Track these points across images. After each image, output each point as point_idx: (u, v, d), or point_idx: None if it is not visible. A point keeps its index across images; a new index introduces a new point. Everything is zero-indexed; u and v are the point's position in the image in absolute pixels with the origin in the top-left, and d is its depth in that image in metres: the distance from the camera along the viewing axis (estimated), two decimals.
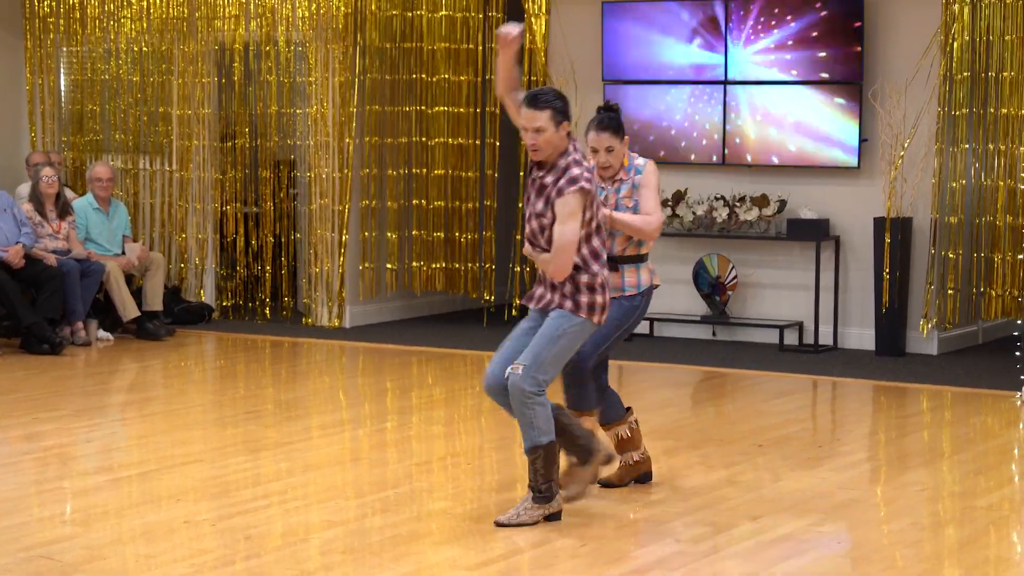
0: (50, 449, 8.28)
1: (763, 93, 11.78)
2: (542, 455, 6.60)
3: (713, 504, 7.06)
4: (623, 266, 7.03)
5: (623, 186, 7.06)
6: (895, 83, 11.29)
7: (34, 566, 6.02)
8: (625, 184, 7.07)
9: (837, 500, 7.18)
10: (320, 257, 12.78)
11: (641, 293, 7.07)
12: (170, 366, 11.23)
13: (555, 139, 6.52)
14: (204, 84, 13.16)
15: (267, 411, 9.42)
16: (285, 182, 13.35)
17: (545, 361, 6.52)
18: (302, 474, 7.71)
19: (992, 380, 10.33)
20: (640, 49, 12.16)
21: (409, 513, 6.87)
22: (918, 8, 11.33)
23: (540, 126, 6.51)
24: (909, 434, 9.00)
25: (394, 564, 6.08)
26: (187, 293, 13.33)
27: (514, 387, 6.49)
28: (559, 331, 6.56)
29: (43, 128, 13.95)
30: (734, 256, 12.00)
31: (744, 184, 11.94)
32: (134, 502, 7.15)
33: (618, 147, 7.04)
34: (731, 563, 6.22)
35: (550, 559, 6.17)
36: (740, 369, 10.85)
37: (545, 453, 6.59)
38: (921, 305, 11.44)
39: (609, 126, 7.03)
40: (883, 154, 11.35)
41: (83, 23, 13.63)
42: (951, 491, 7.51)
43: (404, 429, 8.98)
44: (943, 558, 6.26)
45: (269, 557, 6.18)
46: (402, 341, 12.11)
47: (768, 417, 9.25)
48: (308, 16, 12.69)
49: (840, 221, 11.70)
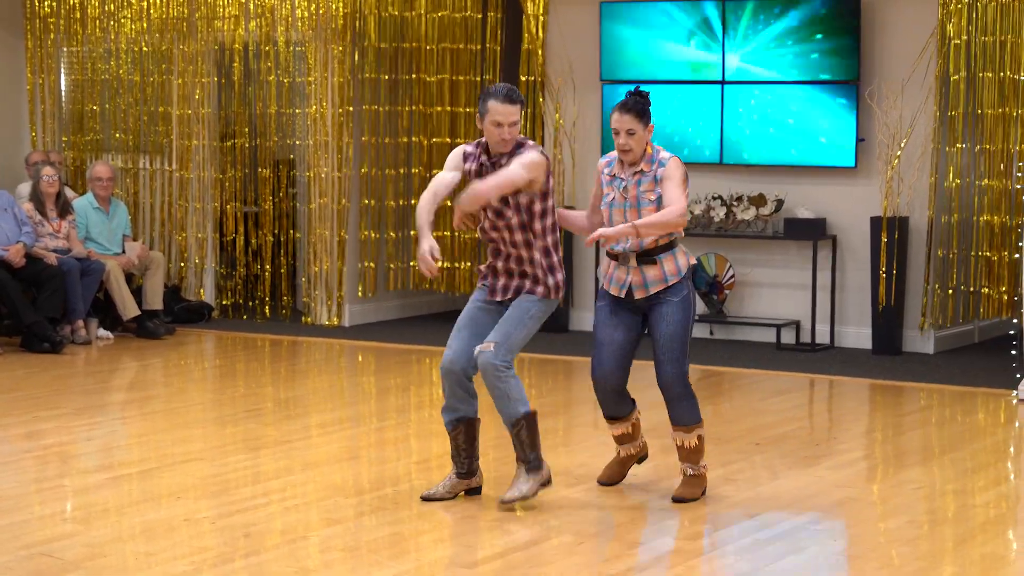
0: (50, 447, 8.31)
1: (760, 93, 11.81)
2: (524, 425, 6.78)
3: (710, 502, 7.09)
4: (659, 256, 6.91)
5: (644, 178, 6.89)
6: (892, 83, 11.32)
7: (35, 564, 6.05)
8: (647, 177, 6.89)
9: (834, 498, 7.21)
10: (319, 256, 12.81)
11: (683, 278, 6.96)
12: (170, 365, 11.25)
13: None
14: (204, 84, 13.19)
15: (267, 409, 9.45)
16: (284, 181, 13.39)
17: (515, 341, 6.76)
18: (301, 472, 7.74)
19: (988, 379, 10.36)
20: (637, 49, 12.19)
21: (408, 511, 6.89)
22: (915, 8, 11.36)
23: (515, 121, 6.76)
24: (906, 432, 9.03)
25: (393, 562, 6.10)
26: (187, 292, 13.36)
27: (487, 364, 6.68)
28: (529, 314, 6.79)
29: (43, 128, 13.98)
30: (731, 255, 12.03)
31: (741, 184, 11.97)
32: (134, 500, 7.18)
33: (640, 132, 6.85)
34: (728, 561, 6.24)
35: (547, 557, 6.19)
36: (737, 368, 10.88)
37: (527, 423, 6.78)
38: (918, 304, 11.48)
39: (633, 108, 6.85)
40: (880, 154, 11.38)
41: (83, 23, 13.66)
42: (947, 489, 7.54)
43: (403, 427, 9.01)
44: (939, 556, 6.29)
45: (268, 555, 6.20)
46: (401, 340, 12.14)
47: (765, 416, 9.28)
48: (307, 16, 12.72)
49: (837, 220, 11.73)
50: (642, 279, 6.92)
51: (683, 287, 6.93)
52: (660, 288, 6.91)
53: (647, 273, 6.91)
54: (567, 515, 6.81)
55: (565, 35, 12.42)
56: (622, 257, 6.94)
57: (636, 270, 6.91)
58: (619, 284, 6.98)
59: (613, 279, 7.01)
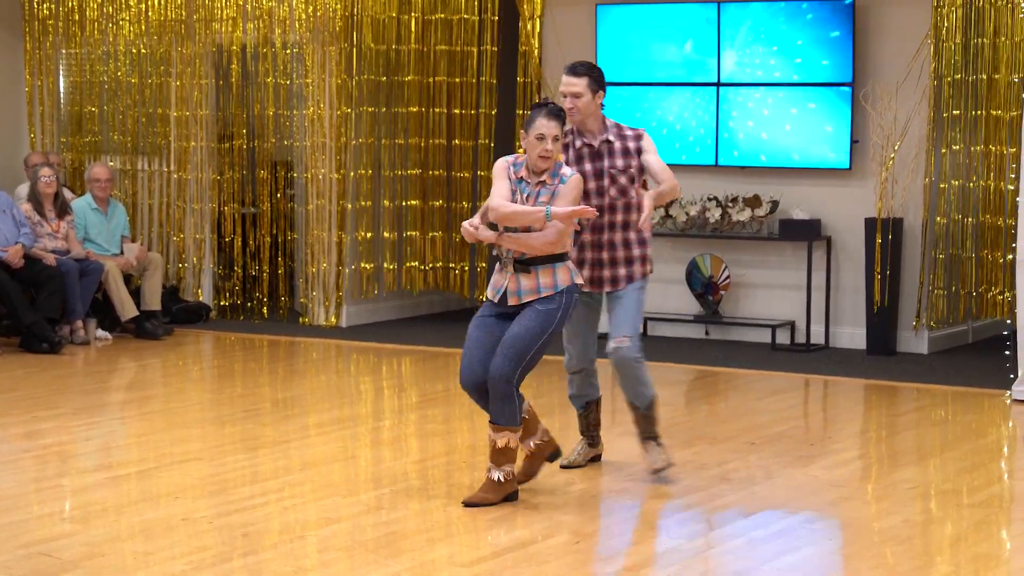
0: (49, 447, 8.33)
1: (755, 95, 11.85)
2: (653, 406, 7.49)
3: (706, 501, 7.12)
4: (537, 268, 6.89)
5: (544, 190, 6.89)
6: (886, 85, 11.35)
7: (33, 563, 6.06)
8: (546, 189, 6.89)
9: (829, 497, 7.24)
10: (317, 257, 12.84)
11: (559, 293, 6.91)
12: (168, 365, 11.28)
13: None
14: (202, 86, 13.22)
15: (264, 409, 9.48)
16: (282, 183, 13.40)
17: (638, 329, 7.38)
18: (299, 472, 7.76)
19: (982, 379, 10.40)
20: (633, 52, 12.22)
21: (405, 510, 6.92)
22: (909, 10, 11.40)
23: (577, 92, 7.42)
24: (900, 432, 9.07)
25: (390, 561, 6.13)
26: (185, 293, 13.38)
27: (626, 357, 7.28)
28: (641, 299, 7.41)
29: (42, 129, 14.00)
30: (727, 256, 12.07)
31: (737, 185, 12.01)
32: (133, 499, 7.19)
33: (560, 139, 6.91)
34: (724, 560, 6.27)
35: (545, 556, 6.21)
36: (733, 368, 10.91)
37: (655, 404, 7.50)
38: (912, 305, 11.52)
39: (560, 115, 6.93)
40: (874, 155, 11.41)
41: (82, 25, 13.68)
42: (941, 488, 7.57)
43: (400, 427, 9.04)
44: (933, 555, 6.32)
45: (266, 554, 6.22)
46: (398, 340, 12.17)
47: (761, 415, 9.31)
48: (305, 18, 12.75)
49: (832, 222, 11.77)
50: (516, 286, 6.91)
51: (553, 301, 6.87)
52: (532, 299, 6.89)
53: (522, 281, 6.89)
54: (564, 514, 6.84)
55: (561, 37, 12.45)
56: (503, 261, 6.95)
57: (512, 277, 6.91)
58: (495, 288, 6.98)
59: (492, 283, 7.02)
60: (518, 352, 6.82)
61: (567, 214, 6.73)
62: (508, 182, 6.94)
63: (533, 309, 6.87)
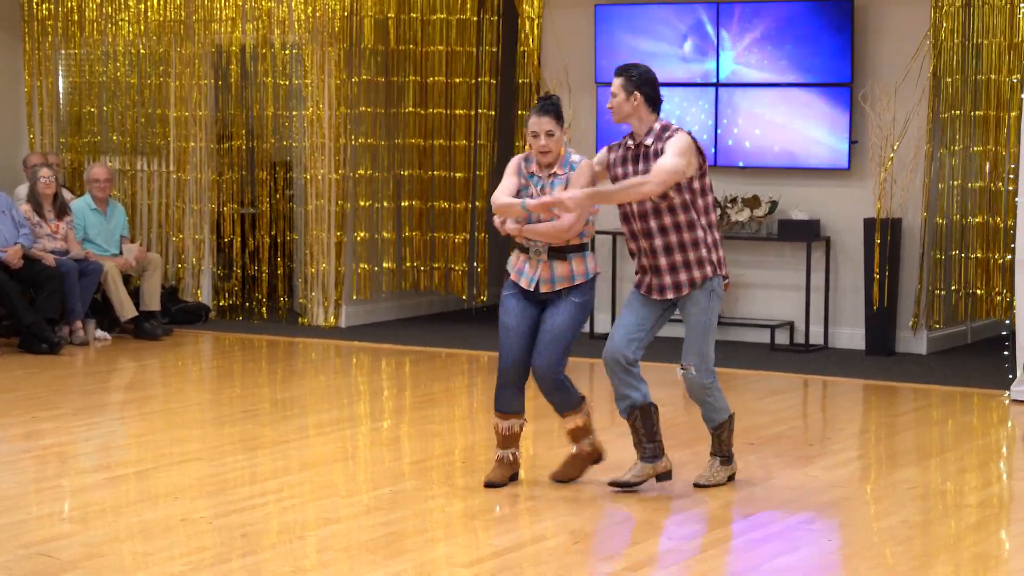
0: (49, 447, 8.33)
1: (754, 95, 11.85)
2: (727, 428, 7.38)
3: (705, 502, 7.13)
4: (570, 255, 7.21)
5: (557, 180, 7.17)
6: (885, 85, 11.36)
7: (32, 563, 6.07)
8: (559, 179, 7.17)
9: (828, 498, 7.25)
10: (316, 257, 12.85)
11: (589, 281, 7.28)
12: (167, 365, 11.28)
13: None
14: (201, 86, 13.23)
15: (264, 410, 9.48)
16: (281, 183, 13.41)
17: (708, 353, 7.34)
18: (298, 472, 7.77)
19: (980, 379, 10.40)
20: (632, 52, 12.22)
21: (404, 511, 6.93)
22: (908, 10, 11.41)
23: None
24: (899, 432, 9.07)
25: (389, 561, 6.13)
26: (184, 293, 13.39)
27: (694, 385, 7.24)
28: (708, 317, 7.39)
29: (42, 130, 14.01)
30: (726, 257, 12.05)
31: (736, 185, 12.01)
32: (132, 500, 7.20)
33: (558, 134, 7.17)
34: (723, 560, 6.28)
35: (544, 556, 6.22)
36: (732, 368, 10.90)
37: (729, 426, 7.39)
38: (911, 305, 11.53)
39: (552, 110, 7.18)
40: (873, 156, 11.42)
41: (81, 26, 13.69)
42: (940, 489, 7.58)
43: (399, 428, 9.04)
44: (932, 555, 6.32)
45: (265, 554, 6.23)
46: (397, 341, 12.18)
47: (760, 416, 9.31)
48: (304, 19, 12.75)
49: (831, 222, 11.78)
50: (550, 274, 7.15)
51: (587, 291, 7.21)
52: (566, 286, 7.17)
53: (556, 269, 7.15)
54: (563, 515, 6.85)
55: (560, 38, 12.45)
56: (533, 251, 7.17)
57: (546, 265, 7.15)
58: (528, 277, 7.19)
59: (523, 272, 7.21)
60: (562, 346, 7.15)
61: (538, 204, 7.01)
62: (515, 178, 7.24)
63: (570, 303, 7.16)
